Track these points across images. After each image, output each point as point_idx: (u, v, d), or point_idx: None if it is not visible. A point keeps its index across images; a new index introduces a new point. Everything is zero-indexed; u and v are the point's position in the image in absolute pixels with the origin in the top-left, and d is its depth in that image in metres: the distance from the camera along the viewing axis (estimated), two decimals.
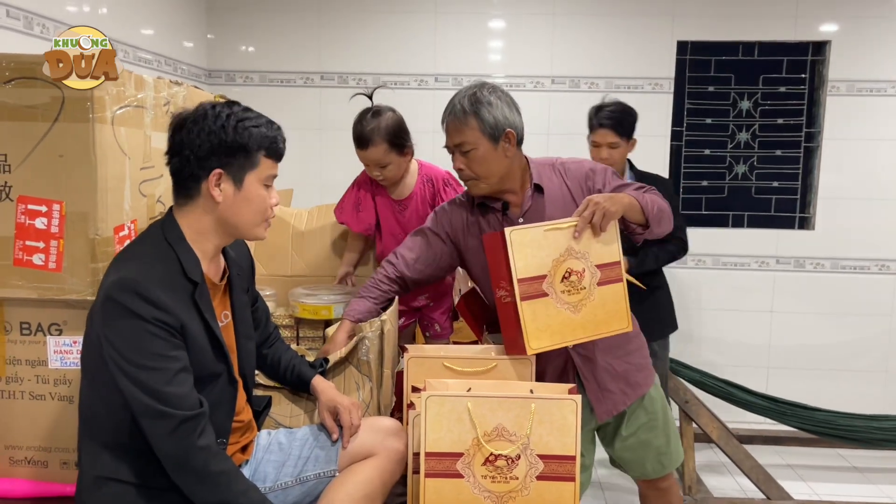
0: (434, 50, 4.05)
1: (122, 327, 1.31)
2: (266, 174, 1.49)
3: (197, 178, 1.44)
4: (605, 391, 1.93)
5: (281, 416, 1.75)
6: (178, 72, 3.69)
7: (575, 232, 1.75)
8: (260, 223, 1.52)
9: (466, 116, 1.84)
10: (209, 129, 1.42)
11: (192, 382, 1.37)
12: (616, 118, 2.75)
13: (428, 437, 1.52)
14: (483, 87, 1.89)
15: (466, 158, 1.87)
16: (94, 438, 1.41)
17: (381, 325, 1.81)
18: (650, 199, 1.87)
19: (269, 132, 1.49)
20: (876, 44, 3.91)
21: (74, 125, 1.53)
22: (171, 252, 1.41)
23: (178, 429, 1.32)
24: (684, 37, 3.99)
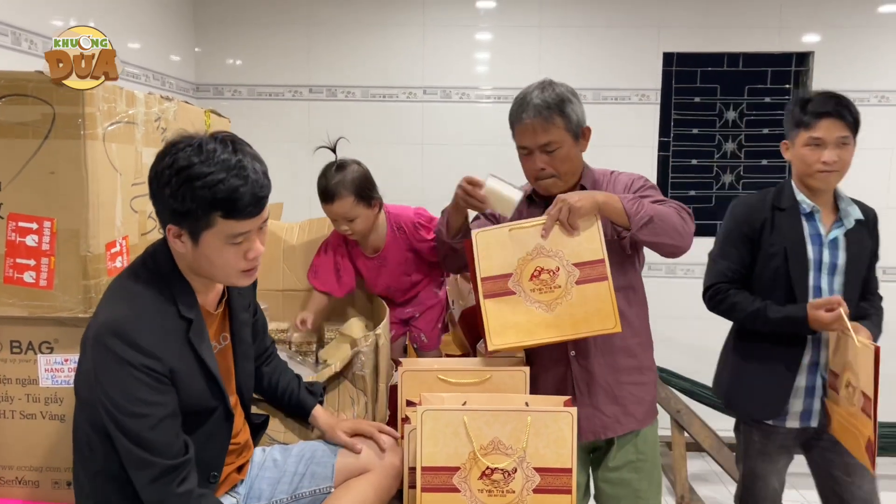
0: (422, 62, 4.07)
1: (111, 372, 1.28)
2: (227, 234, 1.31)
3: (161, 225, 1.37)
4: (596, 410, 1.89)
5: (275, 433, 1.74)
6: (166, 86, 3.68)
7: (542, 230, 1.74)
8: (232, 276, 1.38)
9: (552, 115, 1.82)
10: (159, 184, 1.30)
11: (178, 427, 1.34)
12: (844, 104, 2.10)
13: (424, 451, 1.51)
14: (555, 84, 1.88)
15: (550, 157, 1.85)
16: (86, 465, 1.39)
17: (376, 338, 1.80)
18: (650, 206, 1.78)
19: (224, 190, 1.26)
20: (858, 54, 3.97)
21: (65, 142, 1.53)
22: (165, 287, 1.36)
23: (160, 477, 1.29)
24: (670, 48, 4.03)
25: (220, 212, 1.28)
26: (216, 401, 1.43)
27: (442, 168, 4.11)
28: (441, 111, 4.08)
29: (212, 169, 1.26)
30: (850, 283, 2.06)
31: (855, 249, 2.07)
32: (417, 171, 4.12)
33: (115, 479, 1.35)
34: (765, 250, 2.10)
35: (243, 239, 1.33)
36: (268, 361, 1.76)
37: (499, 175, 1.89)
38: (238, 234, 1.32)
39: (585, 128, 1.88)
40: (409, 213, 2.27)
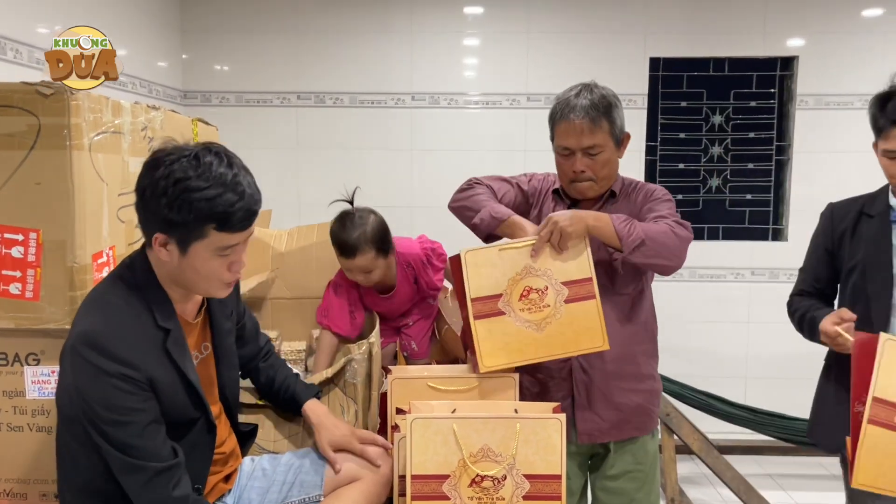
0: (410, 69, 4.07)
1: (88, 382, 1.28)
2: (217, 246, 1.32)
3: (146, 233, 1.37)
4: (594, 414, 1.90)
5: (265, 442, 1.73)
6: (153, 93, 3.67)
7: (532, 251, 1.74)
8: (213, 287, 1.40)
9: (600, 119, 1.82)
10: (152, 194, 1.30)
11: (163, 434, 1.34)
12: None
13: (414, 459, 1.52)
14: (598, 87, 1.88)
15: (592, 161, 1.85)
16: (70, 478, 1.38)
17: (370, 346, 1.81)
18: (642, 228, 1.77)
19: (220, 204, 1.28)
20: (842, 58, 4.01)
21: (51, 153, 1.52)
22: (141, 298, 1.36)
23: (152, 481, 1.29)
24: (657, 53, 4.06)
25: (214, 224, 1.30)
26: (197, 411, 1.43)
27: (431, 173, 4.12)
28: (430, 117, 4.09)
29: (209, 183, 1.28)
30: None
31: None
32: (406, 176, 4.12)
33: (100, 493, 1.35)
34: (845, 264, 1.89)
35: (231, 251, 1.35)
36: (265, 358, 1.76)
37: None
38: (228, 247, 1.34)
39: (626, 134, 1.90)
40: (416, 249, 2.23)
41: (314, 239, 2.37)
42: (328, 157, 4.11)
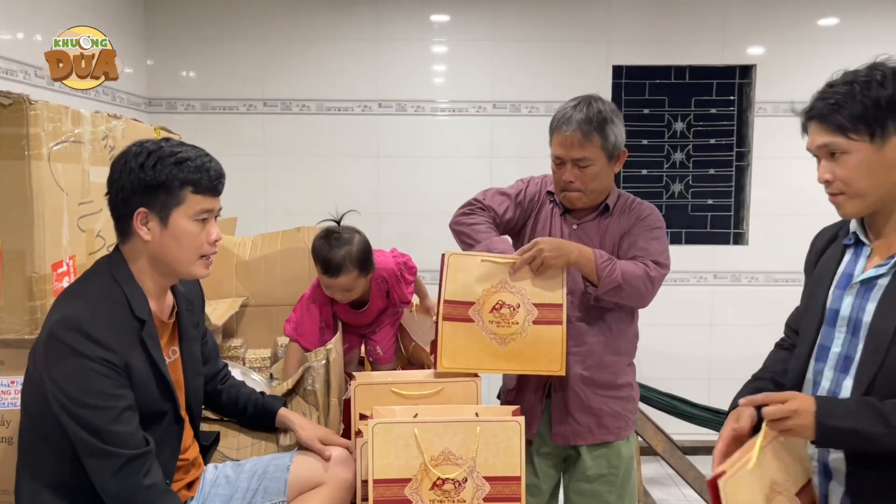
0: (376, 76, 4.10)
1: (66, 366, 1.30)
2: (195, 209, 1.43)
3: (126, 218, 1.43)
4: (569, 416, 1.93)
5: (227, 449, 1.74)
6: (117, 101, 3.64)
7: (511, 269, 1.79)
8: (194, 261, 1.47)
9: (592, 133, 1.85)
10: (129, 169, 1.40)
11: (137, 421, 1.36)
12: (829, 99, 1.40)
13: (375, 464, 1.54)
14: (599, 101, 1.89)
15: (581, 172, 1.89)
16: (35, 477, 1.39)
17: (327, 353, 1.82)
18: (621, 270, 1.82)
19: (195, 166, 1.42)
20: (798, 67, 4.11)
21: (9, 163, 1.52)
22: (119, 290, 1.40)
23: (123, 468, 1.31)
24: (619, 61, 4.13)
25: (190, 187, 1.41)
26: (167, 403, 1.46)
27: (397, 180, 4.14)
28: (396, 124, 4.12)
29: (181, 149, 1.43)
30: (868, 358, 1.32)
31: (891, 304, 1.31)
32: (373, 183, 4.14)
33: (67, 490, 1.37)
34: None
35: (207, 216, 1.46)
36: (224, 380, 1.78)
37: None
38: (204, 211, 1.44)
39: (622, 150, 1.93)
40: (391, 263, 2.23)
41: (278, 247, 2.38)
42: (295, 164, 4.11)
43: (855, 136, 1.29)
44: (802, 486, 1.38)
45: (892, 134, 1.28)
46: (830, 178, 1.34)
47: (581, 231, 1.97)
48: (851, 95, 1.29)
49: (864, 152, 1.29)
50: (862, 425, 1.23)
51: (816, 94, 1.38)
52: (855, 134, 1.29)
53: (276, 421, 1.74)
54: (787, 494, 1.34)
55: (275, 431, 1.77)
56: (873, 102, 1.28)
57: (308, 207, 3.96)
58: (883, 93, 1.28)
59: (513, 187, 2.09)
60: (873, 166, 1.29)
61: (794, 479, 1.37)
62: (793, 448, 1.38)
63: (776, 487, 1.33)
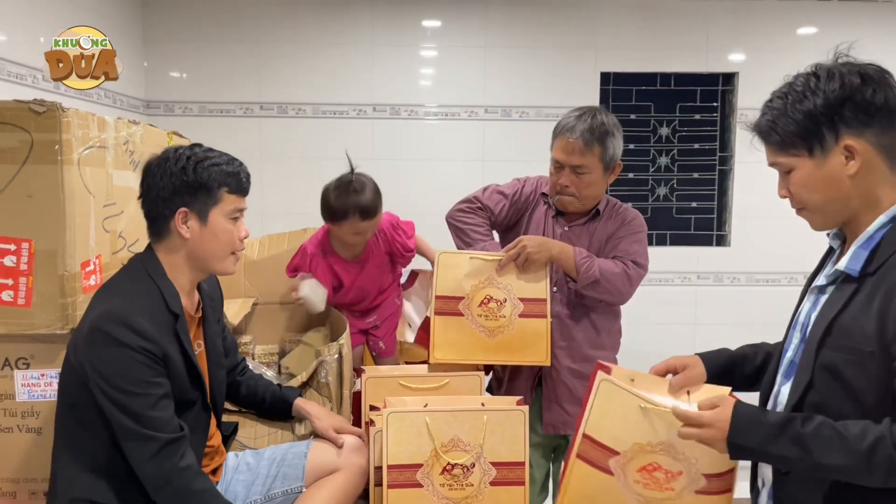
0: (371, 80, 4.19)
1: (109, 356, 1.40)
2: (230, 208, 1.58)
3: (166, 218, 1.55)
4: (558, 406, 2.06)
5: (246, 439, 1.83)
6: (117, 103, 3.71)
7: (497, 265, 1.93)
8: (227, 256, 1.60)
9: (593, 142, 1.97)
10: (171, 172, 1.53)
11: (173, 408, 1.46)
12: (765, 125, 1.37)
13: (390, 450, 1.64)
14: (603, 114, 2.01)
15: (577, 179, 2.01)
16: (73, 461, 1.47)
17: (339, 348, 1.92)
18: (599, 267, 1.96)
19: (230, 169, 1.57)
20: (779, 74, 4.18)
21: (43, 167, 1.60)
22: (154, 286, 1.50)
23: (161, 451, 1.40)
24: (607, 68, 4.25)
25: (227, 187, 1.56)
26: (196, 392, 1.56)
27: (394, 183, 4.19)
28: (390, 128, 4.21)
29: (214, 154, 1.58)
30: (803, 366, 1.30)
31: (827, 311, 1.27)
32: None
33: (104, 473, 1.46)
34: None
35: (239, 215, 1.60)
36: (242, 373, 1.88)
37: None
38: (237, 210, 1.59)
39: (617, 163, 2.05)
40: (384, 216, 2.32)
41: (285, 247, 2.47)
42: (291, 166, 4.20)
43: (794, 152, 1.24)
44: (720, 473, 1.44)
45: (831, 146, 1.21)
46: (786, 195, 1.31)
47: (571, 233, 2.09)
48: (784, 111, 1.23)
49: (806, 168, 1.23)
50: (776, 448, 1.19)
51: (762, 106, 1.31)
52: (793, 150, 1.24)
53: (293, 410, 1.84)
54: (672, 458, 1.41)
55: (291, 421, 1.87)
56: (805, 115, 1.21)
57: (304, 209, 4.04)
58: (816, 101, 1.20)
59: (510, 186, 2.21)
60: (819, 181, 1.23)
61: (707, 462, 1.42)
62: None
63: (657, 447, 1.40)
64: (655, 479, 1.45)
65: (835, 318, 1.22)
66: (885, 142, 1.21)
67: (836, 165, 1.21)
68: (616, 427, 1.45)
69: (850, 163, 1.21)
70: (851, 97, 1.19)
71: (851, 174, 1.21)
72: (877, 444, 1.10)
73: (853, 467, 1.12)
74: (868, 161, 1.20)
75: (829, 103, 1.19)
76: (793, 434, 1.18)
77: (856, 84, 1.19)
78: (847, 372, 1.19)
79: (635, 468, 1.44)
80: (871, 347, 1.15)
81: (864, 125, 1.19)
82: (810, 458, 1.15)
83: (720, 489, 1.45)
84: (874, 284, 1.17)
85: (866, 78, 1.20)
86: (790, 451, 1.18)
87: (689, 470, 1.44)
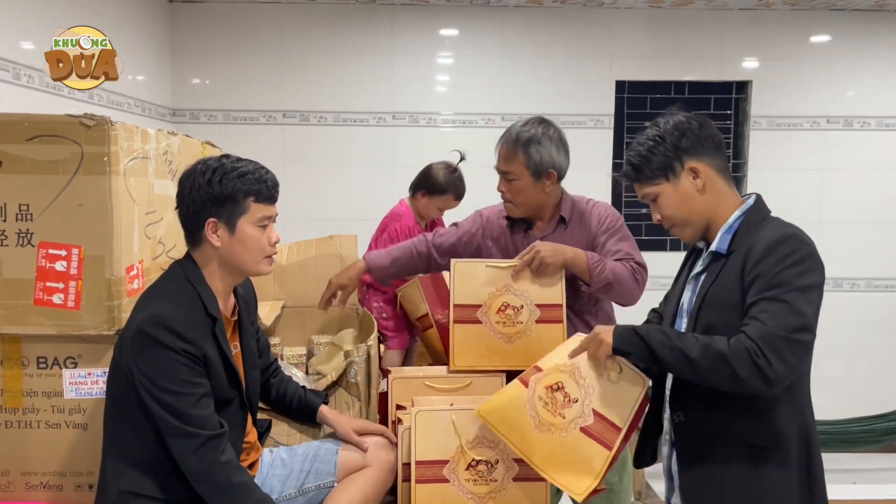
0: (391, 89, 4.29)
1: (153, 357, 1.49)
2: (258, 216, 1.63)
3: (197, 228, 1.63)
4: None
5: (279, 436, 1.92)
6: (146, 112, 3.82)
7: (513, 272, 2.00)
8: (259, 261, 1.67)
9: (517, 150, 2.06)
10: (198, 185, 1.60)
11: (213, 406, 1.55)
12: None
13: (418, 447, 1.72)
14: (540, 124, 2.10)
15: (509, 185, 2.11)
16: (120, 456, 1.56)
17: (368, 349, 2.01)
18: (611, 269, 2.02)
19: (255, 178, 1.62)
20: (792, 83, 4.32)
21: (93, 178, 1.70)
22: (193, 291, 1.59)
23: (203, 447, 1.49)
24: (622, 76, 4.33)
25: (252, 196, 1.60)
26: (234, 391, 1.65)
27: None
28: (409, 135, 4.31)
29: (240, 164, 1.62)
30: (688, 327, 1.60)
31: (704, 285, 1.60)
32: (388, 192, 4.31)
33: (149, 467, 1.55)
34: None
35: (268, 223, 1.65)
36: (275, 374, 1.96)
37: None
38: (265, 218, 1.63)
39: (550, 171, 2.09)
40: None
41: (313, 252, 2.56)
42: (312, 173, 4.30)
43: (656, 182, 1.60)
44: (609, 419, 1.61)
45: (680, 170, 1.57)
46: (659, 220, 1.65)
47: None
48: (643, 155, 1.60)
49: (667, 191, 1.60)
50: (650, 337, 1.52)
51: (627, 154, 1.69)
52: (655, 180, 1.60)
53: (317, 417, 1.92)
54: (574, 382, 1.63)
55: (316, 426, 1.95)
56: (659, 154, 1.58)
57: (325, 214, 4.16)
58: (665, 143, 1.58)
59: (466, 221, 2.33)
60: (677, 199, 1.59)
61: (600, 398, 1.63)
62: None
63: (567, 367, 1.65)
64: (555, 399, 1.65)
65: (709, 288, 1.56)
66: (717, 164, 1.60)
67: (687, 184, 1.58)
68: (557, 354, 1.72)
69: (697, 180, 1.58)
70: (685, 134, 1.58)
71: (699, 188, 1.58)
72: (719, 343, 1.44)
73: (697, 359, 1.44)
74: (710, 178, 1.58)
75: (672, 141, 1.58)
76: (661, 329, 1.54)
77: (686, 126, 1.59)
78: (718, 325, 1.52)
79: (544, 384, 1.67)
80: (734, 299, 1.50)
81: (700, 152, 1.58)
82: (672, 344, 1.49)
83: (603, 438, 1.61)
84: (735, 257, 1.53)
85: (692, 121, 1.60)
86: (659, 337, 1.51)
87: (584, 400, 1.64)
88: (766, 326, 1.40)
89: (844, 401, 4.30)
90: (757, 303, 1.44)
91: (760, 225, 1.55)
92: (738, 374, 1.40)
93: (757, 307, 1.44)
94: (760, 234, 1.51)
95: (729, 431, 1.53)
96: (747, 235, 1.54)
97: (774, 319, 1.40)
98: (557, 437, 1.62)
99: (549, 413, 1.64)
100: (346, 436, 1.84)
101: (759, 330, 1.40)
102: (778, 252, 1.45)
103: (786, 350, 1.39)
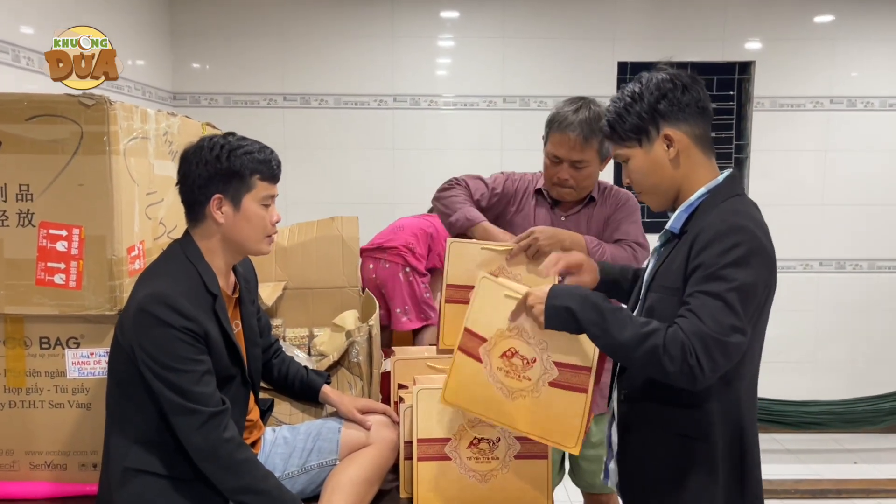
0: (392, 71, 4.27)
1: (155, 335, 1.49)
2: (262, 195, 1.64)
3: (201, 204, 1.63)
4: None
5: (281, 415, 1.93)
6: (147, 95, 3.81)
7: (508, 255, 1.94)
8: (261, 239, 1.68)
9: (593, 138, 2.01)
10: (206, 160, 1.61)
11: (215, 383, 1.55)
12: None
13: (420, 425, 1.73)
14: (598, 105, 2.04)
15: (576, 172, 2.05)
16: (124, 434, 1.57)
17: (369, 329, 2.01)
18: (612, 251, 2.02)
19: (262, 157, 1.64)
20: (795, 64, 4.30)
21: (92, 157, 1.69)
22: (193, 269, 1.60)
23: (206, 424, 1.50)
24: (624, 58, 4.31)
25: (258, 174, 1.62)
26: (235, 368, 1.65)
27: (412, 172, 4.32)
28: (410, 118, 4.29)
29: (246, 142, 1.65)
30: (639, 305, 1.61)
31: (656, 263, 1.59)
32: (389, 174, 4.32)
33: (152, 445, 1.56)
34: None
35: (271, 202, 1.67)
36: (276, 355, 1.97)
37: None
38: (269, 196, 1.65)
39: (610, 153, 2.08)
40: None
41: (314, 234, 2.56)
42: (313, 156, 4.29)
43: (628, 145, 1.52)
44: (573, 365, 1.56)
45: (654, 136, 1.49)
46: (629, 182, 1.58)
47: (569, 222, 2.14)
48: (619, 114, 1.51)
49: (638, 156, 1.52)
50: (582, 312, 1.43)
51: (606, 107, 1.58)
52: (628, 143, 1.52)
53: (320, 397, 1.92)
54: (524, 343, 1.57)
55: (319, 405, 1.96)
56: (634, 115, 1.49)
57: (326, 197, 4.15)
58: (641, 103, 1.48)
59: (492, 178, 2.26)
60: (648, 166, 1.51)
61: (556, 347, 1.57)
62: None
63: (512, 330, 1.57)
64: (514, 365, 1.59)
65: (658, 268, 1.52)
66: (697, 132, 1.50)
67: (660, 152, 1.49)
68: (486, 315, 1.61)
69: (670, 149, 1.48)
70: (665, 96, 1.48)
71: (671, 158, 1.49)
72: (653, 332, 1.37)
73: (628, 345, 1.38)
74: (686, 148, 1.49)
75: (649, 101, 1.48)
76: (597, 304, 1.44)
77: (668, 87, 1.48)
78: (658, 308, 1.48)
79: (497, 354, 1.60)
80: (677, 284, 1.44)
81: (678, 119, 1.48)
82: (605, 326, 1.41)
83: (574, 385, 1.56)
84: (685, 239, 1.46)
85: (676, 82, 1.49)
86: (591, 316, 1.43)
87: (542, 356, 1.58)
88: (704, 326, 1.34)
89: (848, 381, 4.31)
90: (696, 294, 1.37)
91: (720, 207, 1.45)
92: (666, 370, 1.35)
93: (696, 300, 1.37)
94: (711, 219, 1.43)
95: (662, 417, 1.51)
96: (702, 217, 1.46)
97: (712, 319, 1.34)
98: (531, 400, 1.59)
99: (513, 380, 1.59)
100: (349, 414, 1.85)
101: (697, 328, 1.34)
102: (724, 243, 1.37)
103: (717, 352, 1.34)
